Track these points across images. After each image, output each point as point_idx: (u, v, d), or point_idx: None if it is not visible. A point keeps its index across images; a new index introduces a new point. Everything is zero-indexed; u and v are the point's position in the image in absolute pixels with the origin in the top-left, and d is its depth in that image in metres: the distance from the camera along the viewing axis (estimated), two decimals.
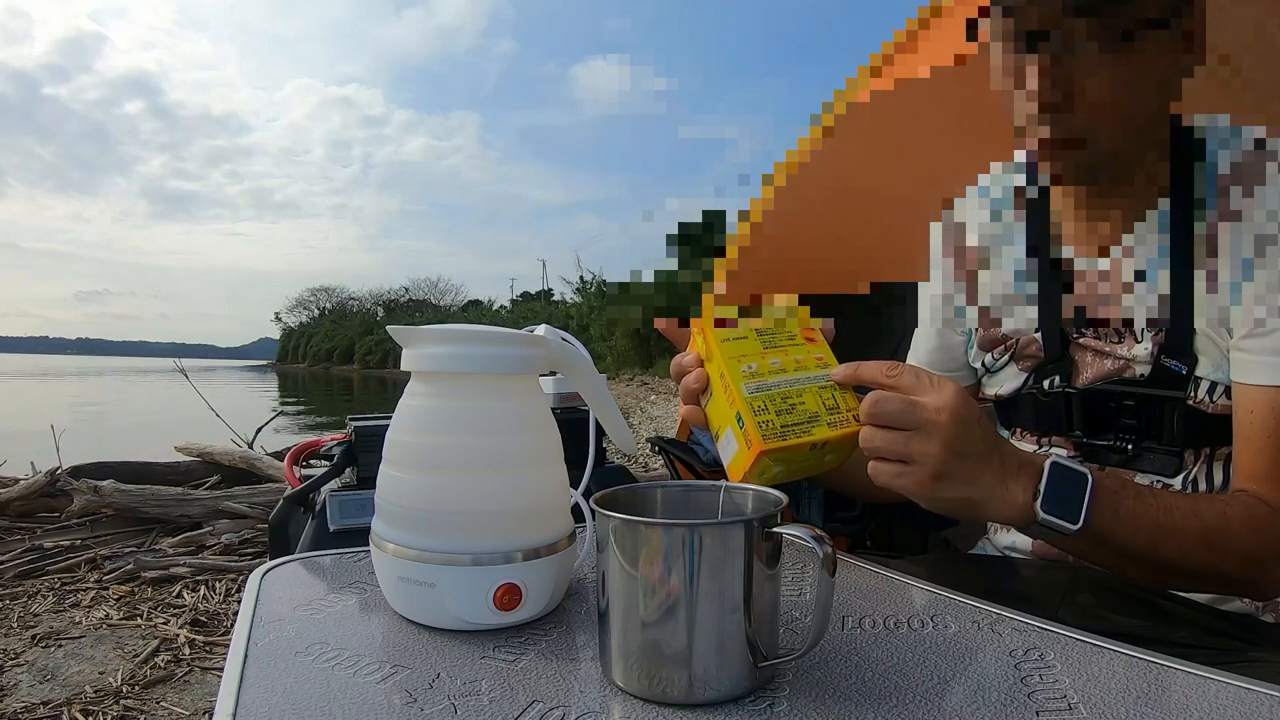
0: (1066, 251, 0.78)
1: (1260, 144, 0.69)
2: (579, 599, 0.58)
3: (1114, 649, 0.49)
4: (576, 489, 0.59)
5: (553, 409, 0.57)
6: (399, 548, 0.52)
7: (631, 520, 0.42)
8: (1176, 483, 0.72)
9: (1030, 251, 0.80)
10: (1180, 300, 0.69)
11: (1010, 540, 0.82)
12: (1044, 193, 0.80)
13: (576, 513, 0.57)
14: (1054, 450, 0.80)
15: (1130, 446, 0.73)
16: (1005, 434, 0.87)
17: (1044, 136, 0.68)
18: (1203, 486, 0.72)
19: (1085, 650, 0.49)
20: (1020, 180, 0.83)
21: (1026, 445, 0.83)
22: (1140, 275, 0.72)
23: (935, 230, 0.89)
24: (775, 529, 0.43)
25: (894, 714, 0.41)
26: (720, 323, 0.65)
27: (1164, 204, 0.72)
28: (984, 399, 0.88)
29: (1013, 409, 0.84)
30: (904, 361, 0.94)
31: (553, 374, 0.58)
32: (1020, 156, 0.83)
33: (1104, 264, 0.75)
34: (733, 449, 0.60)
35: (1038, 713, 0.41)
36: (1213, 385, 0.70)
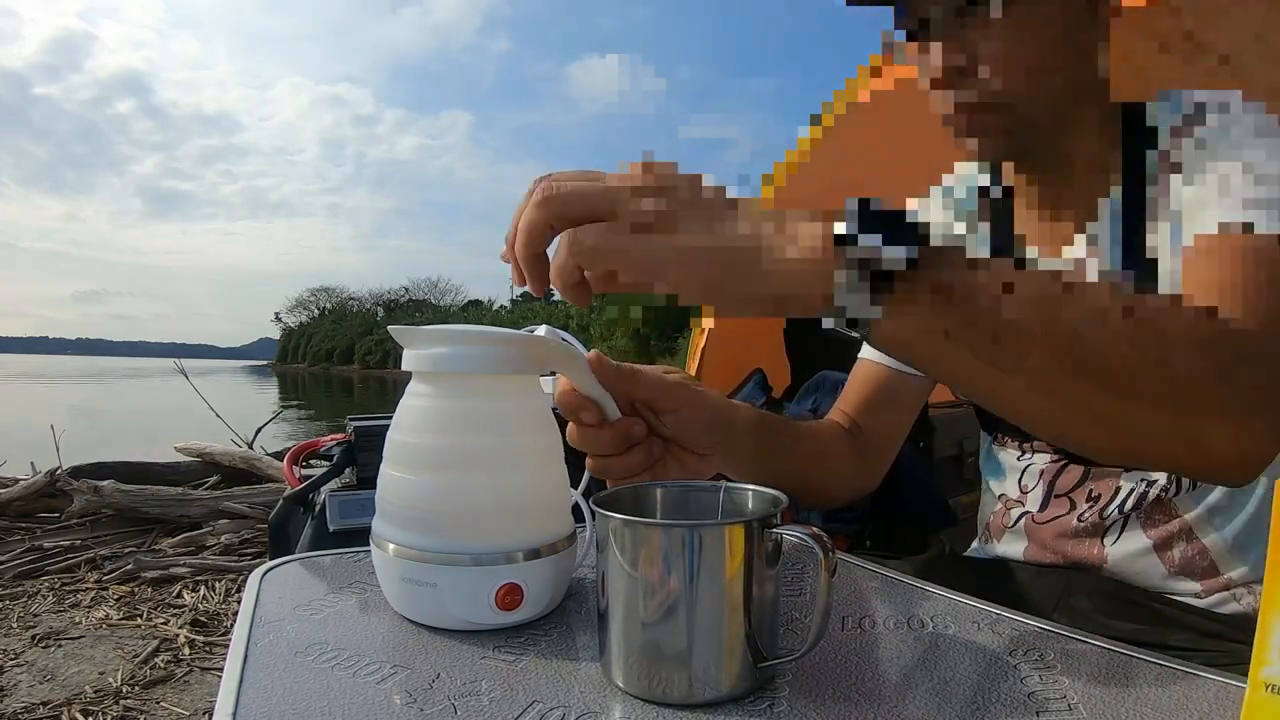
0: (1031, 252, 0.77)
1: (1200, 107, 0.66)
2: (579, 599, 0.58)
3: (1114, 649, 0.49)
4: (576, 489, 0.59)
5: (553, 409, 0.57)
6: (400, 548, 0.52)
7: (631, 520, 0.42)
8: (1162, 478, 0.71)
9: (994, 253, 0.79)
10: (1146, 286, 0.66)
11: (1004, 549, 0.82)
12: (1007, 192, 0.80)
13: (576, 512, 0.57)
14: (1036, 456, 0.80)
15: None
16: (988, 439, 0.86)
17: (957, 105, 0.68)
18: (1186, 481, 0.70)
19: (1085, 650, 0.49)
20: (984, 180, 0.82)
21: (1010, 451, 0.82)
22: (1105, 270, 0.70)
23: None
24: (775, 529, 0.43)
25: (894, 714, 0.41)
26: None
27: (1116, 192, 0.70)
28: (957, 403, 0.87)
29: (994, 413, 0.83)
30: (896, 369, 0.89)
31: (553, 374, 0.58)
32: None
33: (1066, 261, 0.73)
34: None
35: (1038, 713, 0.41)
36: None
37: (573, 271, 0.46)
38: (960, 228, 0.83)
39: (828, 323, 0.45)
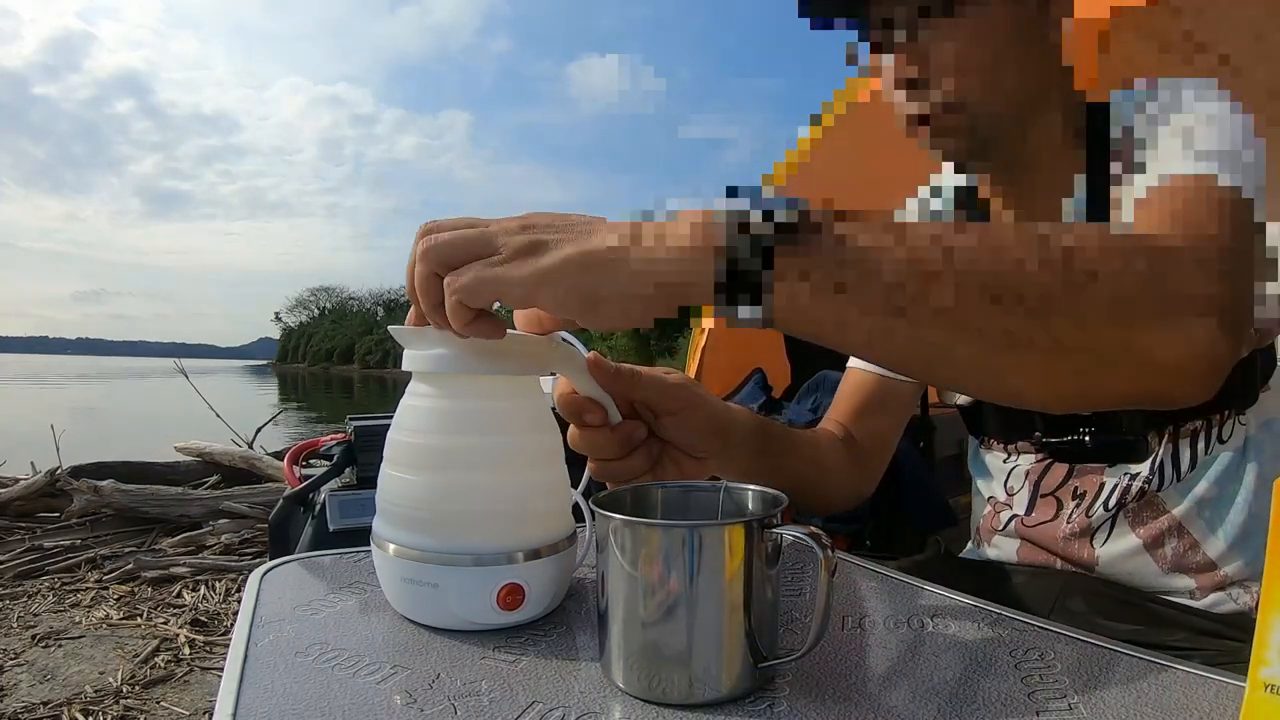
0: None
1: (1153, 91, 0.66)
2: (579, 599, 0.58)
3: (1114, 649, 0.49)
4: (576, 489, 0.59)
5: (553, 409, 0.57)
6: (401, 548, 0.52)
7: (631, 520, 0.43)
8: (1144, 469, 0.71)
9: None
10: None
11: (995, 552, 0.82)
12: (974, 194, 0.80)
13: (576, 512, 0.57)
14: (1021, 458, 0.80)
15: (1088, 439, 0.72)
16: (975, 442, 0.87)
17: (913, 113, 0.69)
18: (1169, 472, 0.70)
19: (1085, 650, 0.49)
20: (962, 181, 0.83)
21: (996, 454, 0.83)
22: None
23: None
24: (775, 529, 0.43)
25: (894, 714, 0.41)
26: None
27: (1081, 188, 0.71)
28: (948, 404, 0.88)
29: (978, 416, 0.84)
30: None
31: (553, 374, 0.59)
32: None
33: None
34: None
35: (1038, 713, 0.41)
36: None
37: (462, 310, 0.47)
38: None
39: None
